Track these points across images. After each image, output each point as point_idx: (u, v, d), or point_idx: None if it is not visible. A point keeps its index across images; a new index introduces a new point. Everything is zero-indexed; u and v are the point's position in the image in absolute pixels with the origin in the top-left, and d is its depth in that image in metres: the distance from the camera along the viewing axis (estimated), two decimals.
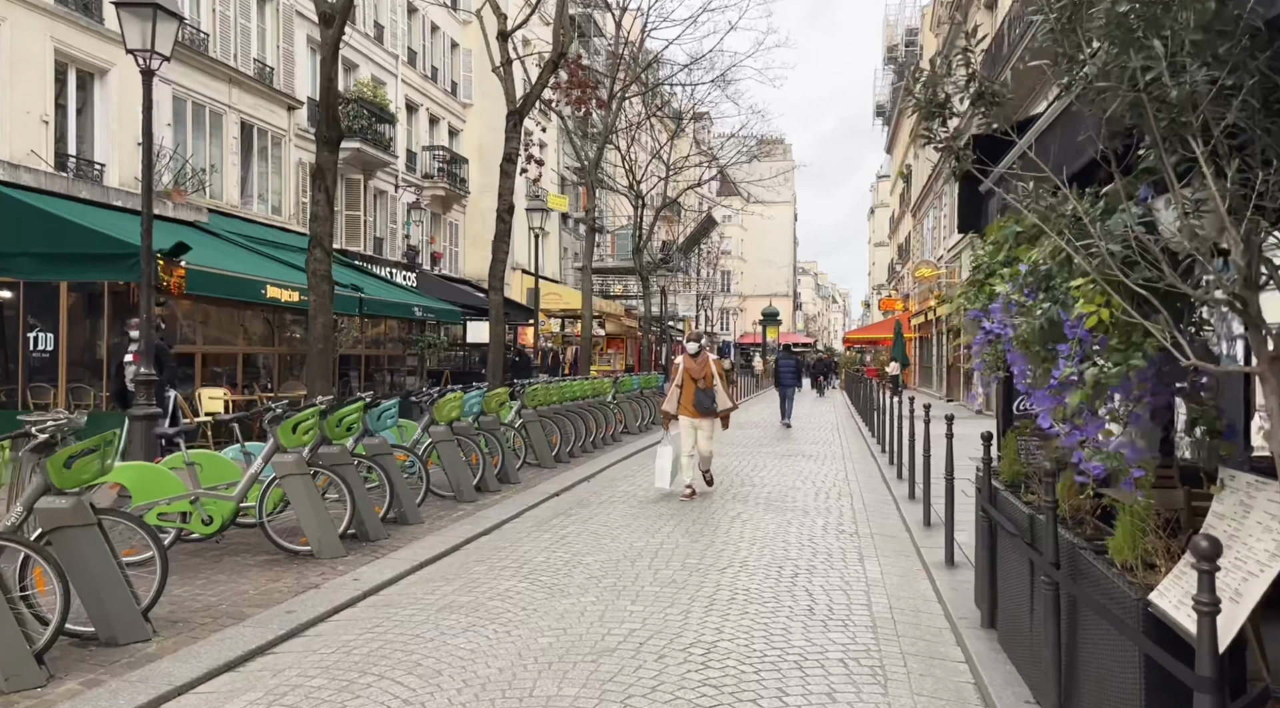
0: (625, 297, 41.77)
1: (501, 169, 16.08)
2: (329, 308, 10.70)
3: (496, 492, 9.78)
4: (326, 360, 10.64)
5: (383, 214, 26.80)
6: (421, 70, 29.09)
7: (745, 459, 13.50)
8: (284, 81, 21.43)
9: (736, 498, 9.78)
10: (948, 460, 6.96)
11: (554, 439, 12.35)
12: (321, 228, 10.65)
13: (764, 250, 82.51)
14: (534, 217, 19.40)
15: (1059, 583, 3.61)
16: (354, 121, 23.61)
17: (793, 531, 7.99)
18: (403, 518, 7.90)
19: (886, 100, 58.91)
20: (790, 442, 16.61)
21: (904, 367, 42.00)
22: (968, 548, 6.96)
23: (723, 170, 37.28)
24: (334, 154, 10.73)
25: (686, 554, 7.03)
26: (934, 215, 37.46)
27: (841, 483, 11.08)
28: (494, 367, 15.75)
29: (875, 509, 9.29)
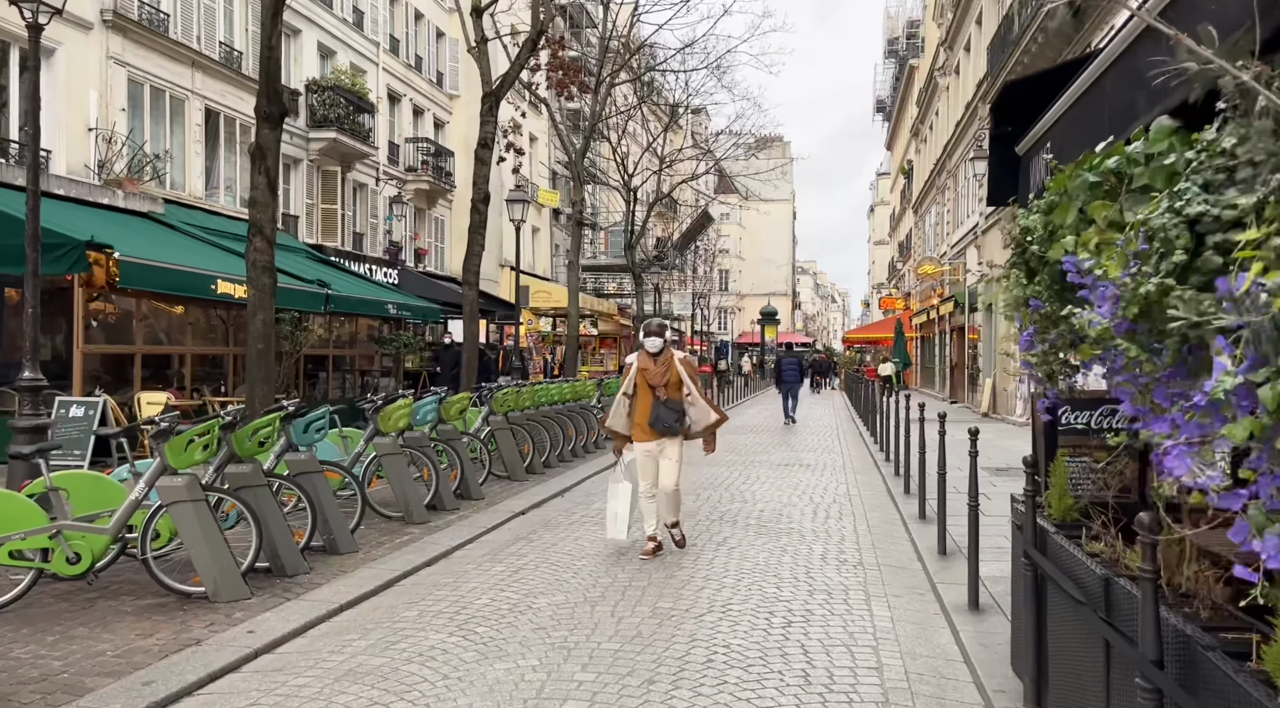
0: (619, 295, 40.62)
1: (476, 156, 14.96)
2: (271, 303, 9.59)
3: (454, 510, 8.67)
4: (268, 362, 9.52)
5: (363, 208, 25.69)
6: (405, 59, 27.97)
7: (738, 470, 12.38)
8: (253, 67, 20.26)
9: (725, 519, 8.66)
10: (971, 480, 5.84)
11: (525, 448, 11.23)
12: (262, 214, 9.52)
13: (762, 249, 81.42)
14: (515, 208, 18.27)
15: (1163, 690, 2.49)
16: (330, 110, 22.52)
17: (786, 561, 6.87)
18: (333, 546, 6.78)
19: (887, 95, 57.80)
20: (788, 449, 15.50)
21: (905, 366, 40.95)
22: (993, 585, 5.85)
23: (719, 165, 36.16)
24: (275, 131, 9.61)
25: (659, 594, 5.91)
26: (937, 210, 36.35)
27: (843, 499, 9.96)
28: (467, 368, 14.64)
29: (881, 532, 8.17)
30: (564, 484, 10.72)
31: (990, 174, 4.83)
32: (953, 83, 31.46)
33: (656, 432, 6.91)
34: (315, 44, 22.94)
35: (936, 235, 36.36)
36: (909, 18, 45.62)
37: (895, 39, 48.74)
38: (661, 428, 6.90)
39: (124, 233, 13.30)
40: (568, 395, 13.50)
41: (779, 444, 16.30)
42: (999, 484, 10.58)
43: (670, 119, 30.66)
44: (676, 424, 6.96)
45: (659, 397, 6.92)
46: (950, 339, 32.21)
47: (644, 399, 6.97)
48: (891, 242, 62.81)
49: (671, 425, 6.93)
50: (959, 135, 29.26)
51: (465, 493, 9.34)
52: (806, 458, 13.99)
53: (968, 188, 28.39)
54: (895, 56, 50.28)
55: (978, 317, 26.43)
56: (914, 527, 8.15)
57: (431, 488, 8.44)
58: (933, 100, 37.18)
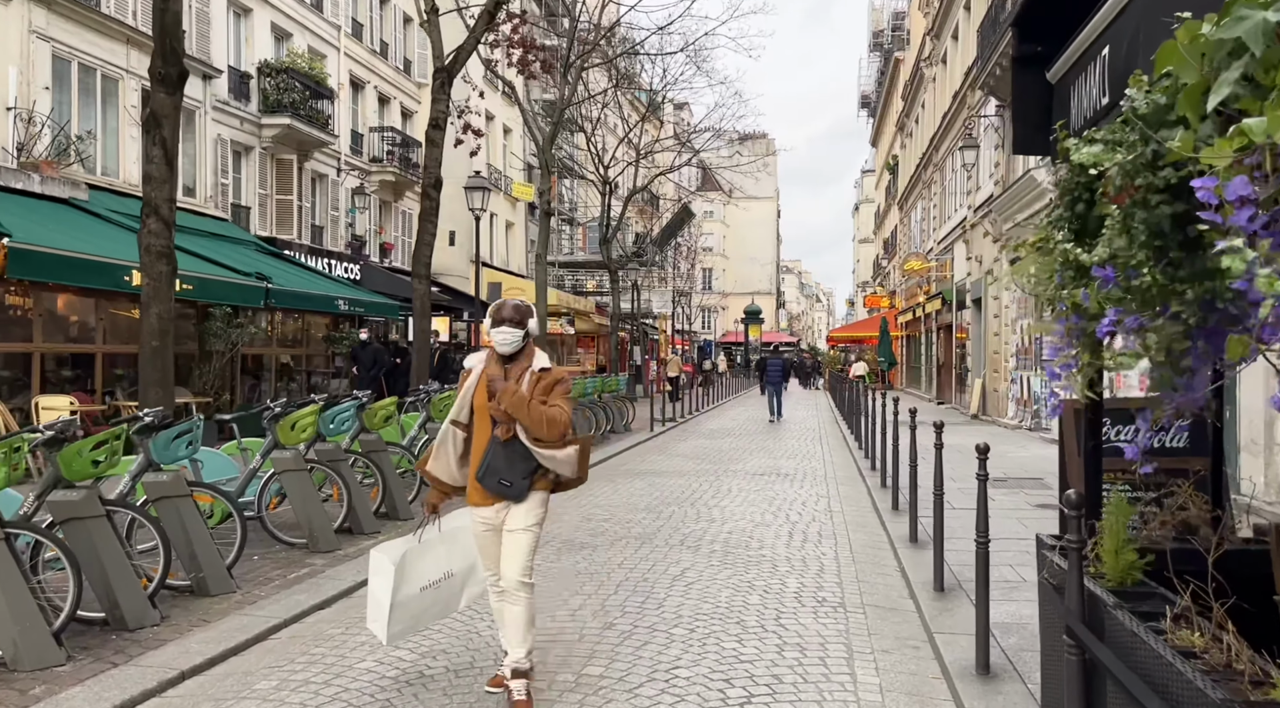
0: (599, 293, 39.44)
1: (427, 137, 13.77)
2: (168, 294, 8.37)
3: (373, 534, 7.47)
4: (165, 361, 8.30)
5: (322, 200, 24.39)
6: (369, 45, 26.68)
7: (708, 481, 11.23)
8: (197, 45, 18.97)
9: (686, 542, 7.49)
10: (980, 514, 4.69)
11: None
12: (157, 191, 8.29)
13: (747, 247, 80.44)
14: (475, 196, 17.06)
15: None
16: (284, 95, 21.22)
17: (754, 601, 5.71)
18: (201, 587, 5.57)
19: (872, 90, 56.85)
20: (766, 456, 14.36)
21: (890, 366, 39.94)
22: (1005, 636, 4.72)
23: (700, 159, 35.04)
24: (173, 96, 8.37)
25: (591, 651, 4.75)
26: (923, 206, 35.36)
27: (823, 516, 8.82)
28: (419, 369, 13.44)
29: (867, 560, 7.03)
30: None
31: (1015, 111, 3.71)
32: (939, 73, 30.45)
33: (494, 494, 4.07)
34: (269, 24, 21.64)
35: (922, 231, 35.36)
36: (894, 9, 44.63)
37: (880, 32, 47.74)
38: (500, 488, 4.04)
39: (32, 219, 12.03)
40: None
41: (757, 450, 15.16)
42: (998, 498, 9.45)
43: (647, 109, 29.50)
44: (522, 483, 4.03)
45: (499, 433, 4.02)
46: (937, 338, 31.20)
47: (480, 434, 4.10)
48: (876, 239, 61.89)
49: (511, 486, 4.03)
50: (946, 127, 28.25)
51: (391, 512, 8.15)
52: (785, 466, 12.85)
53: (955, 181, 27.37)
54: (880, 50, 49.29)
55: (966, 314, 25.40)
56: (905, 553, 7.02)
57: (344, 509, 7.23)
58: (918, 93, 36.19)
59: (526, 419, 3.92)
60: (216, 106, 19.59)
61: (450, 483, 4.23)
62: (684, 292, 48.34)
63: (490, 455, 4.04)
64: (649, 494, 10.08)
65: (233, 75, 20.34)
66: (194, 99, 18.91)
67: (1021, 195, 17.87)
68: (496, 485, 4.04)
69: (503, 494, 4.05)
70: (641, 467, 12.70)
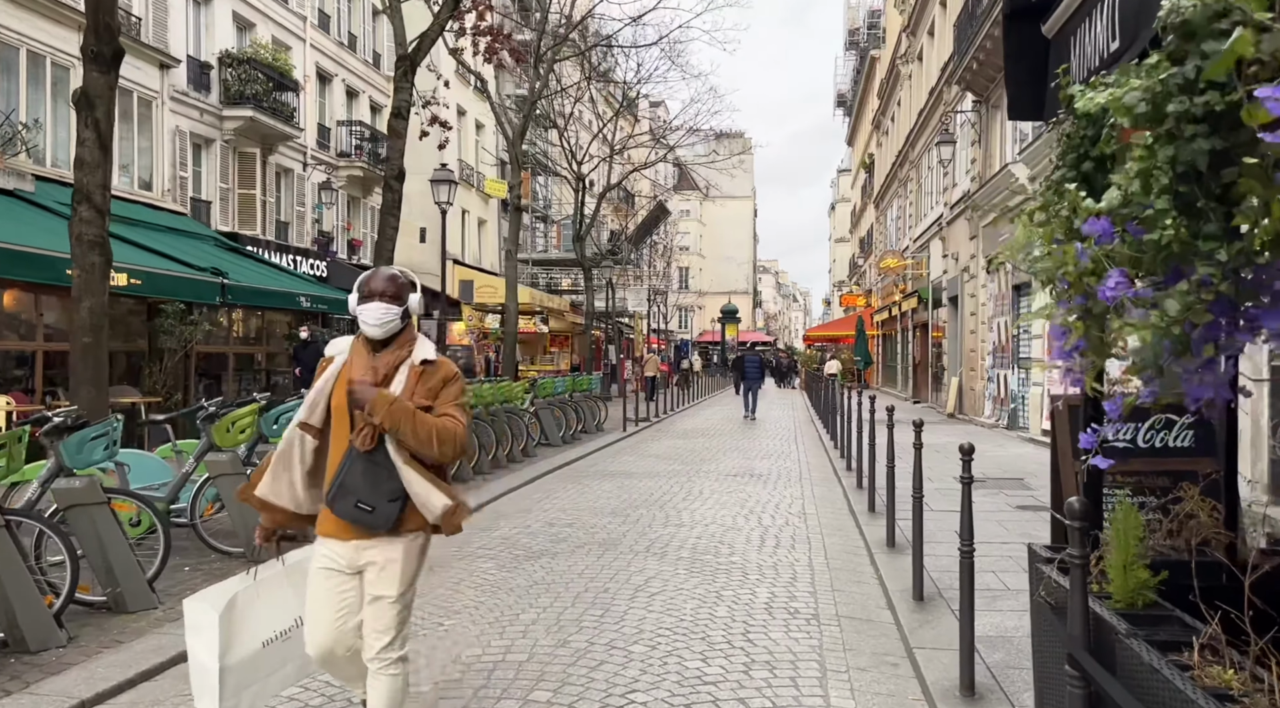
0: (574, 291, 38.98)
1: (390, 127, 13.28)
2: (101, 287, 7.84)
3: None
4: (98, 359, 7.78)
5: (288, 195, 23.79)
6: (336, 37, 26.09)
7: (679, 482, 10.83)
8: (154, 34, 18.37)
9: (653, 548, 7.09)
10: (964, 519, 4.31)
11: None
12: (90, 177, 7.77)
13: (723, 246, 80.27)
14: (440, 189, 16.59)
15: None
16: (246, 86, 20.62)
17: (721, 613, 5.32)
18: (118, 602, 5.10)
19: (848, 89, 56.76)
20: (740, 456, 13.99)
21: (866, 365, 39.77)
22: (989, 652, 4.36)
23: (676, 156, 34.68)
24: (107, 75, 7.85)
25: (540, 673, 4.33)
26: (899, 204, 35.20)
27: (797, 519, 8.45)
28: None
29: (842, 566, 6.66)
30: (474, 502, 9.05)
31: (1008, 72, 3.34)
32: (915, 70, 30.28)
33: (356, 528, 3.03)
34: (230, 13, 21.02)
35: (899, 229, 35.21)
36: (870, 7, 44.49)
37: (856, 30, 47.60)
38: (351, 514, 3.00)
39: None
40: (487, 398, 11.86)
41: (730, 450, 14.79)
42: (978, 499, 9.09)
43: (621, 104, 29.09)
44: (388, 508, 3.01)
45: (358, 444, 3.00)
46: (913, 336, 31.03)
47: (337, 443, 3.09)
48: (853, 238, 61.83)
49: (373, 511, 3.00)
50: (922, 124, 28.06)
51: None
52: (759, 466, 12.49)
53: (931, 178, 27.18)
54: (856, 48, 49.17)
55: (942, 313, 25.21)
56: (882, 558, 6.65)
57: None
58: (894, 90, 36.03)
59: (411, 437, 2.91)
60: (175, 97, 18.97)
61: (293, 509, 3.07)
62: (660, 290, 47.98)
63: (346, 469, 2.96)
64: (617, 497, 9.68)
65: (192, 65, 19.72)
66: (151, 89, 18.31)
67: (999, 190, 17.63)
68: (353, 510, 2.94)
69: (361, 522, 2.96)
70: (612, 468, 12.29)
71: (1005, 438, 16.01)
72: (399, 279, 3.14)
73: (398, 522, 3.01)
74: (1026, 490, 9.71)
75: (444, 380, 3.08)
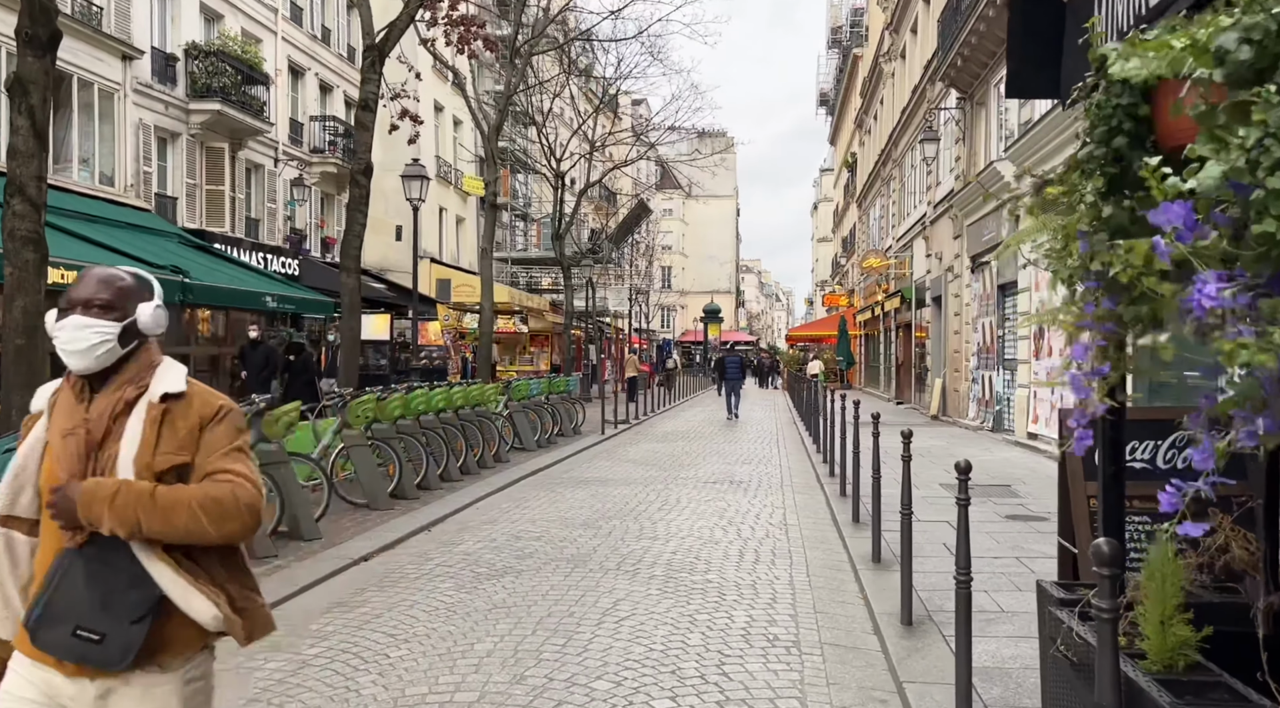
0: (554, 290, 38.49)
1: (356, 120, 12.80)
2: (36, 285, 7.33)
3: (268, 558, 6.54)
4: (32, 363, 7.28)
5: (259, 192, 23.20)
6: (309, 30, 25.51)
7: (656, 490, 10.41)
8: (117, 24, 17.77)
9: (624, 566, 6.66)
10: (960, 545, 3.90)
11: (391, 469, 9.12)
12: (23, 168, 7.25)
13: (706, 246, 79.99)
14: (412, 185, 16.10)
15: None
16: (214, 78, 20.02)
17: (694, 641, 4.90)
18: None
19: (830, 88, 56.55)
20: (720, 460, 13.60)
21: (849, 365, 39.52)
22: (987, 686, 3.96)
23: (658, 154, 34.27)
24: (42, 59, 7.34)
25: None
26: (881, 203, 34.95)
27: (778, 531, 8.05)
28: (347, 369, 12.46)
29: (825, 584, 6.26)
30: (439, 512, 8.64)
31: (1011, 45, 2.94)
32: (898, 68, 30.01)
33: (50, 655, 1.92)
34: (197, 4, 20.43)
35: (881, 228, 34.96)
36: (853, 5, 44.24)
37: (839, 28, 47.35)
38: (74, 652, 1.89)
39: None
40: (458, 401, 11.40)
41: (711, 454, 14.39)
42: None
43: (601, 101, 28.65)
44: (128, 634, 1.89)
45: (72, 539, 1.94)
46: (896, 337, 30.77)
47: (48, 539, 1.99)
48: (835, 238, 61.65)
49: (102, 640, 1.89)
50: (905, 122, 27.79)
51: (294, 532, 7.22)
52: (740, 472, 12.09)
53: (915, 177, 26.91)
54: (839, 47, 48.93)
55: (926, 313, 24.93)
56: (867, 576, 6.26)
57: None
58: (877, 88, 35.79)
59: (165, 530, 1.89)
60: (138, 89, 18.36)
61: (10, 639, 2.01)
62: (642, 290, 47.54)
63: (56, 580, 1.91)
64: (590, 506, 9.25)
65: (157, 57, 19.12)
66: (112, 81, 17.71)
67: (984, 188, 17.33)
68: (68, 642, 1.88)
69: (87, 659, 1.89)
70: (586, 474, 11.86)
71: (990, 441, 15.69)
72: (118, 282, 2.04)
73: (152, 650, 1.91)
74: (1015, 498, 9.36)
75: (204, 421, 2.02)
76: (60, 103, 16.64)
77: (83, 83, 17.05)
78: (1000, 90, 17.28)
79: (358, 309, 12.68)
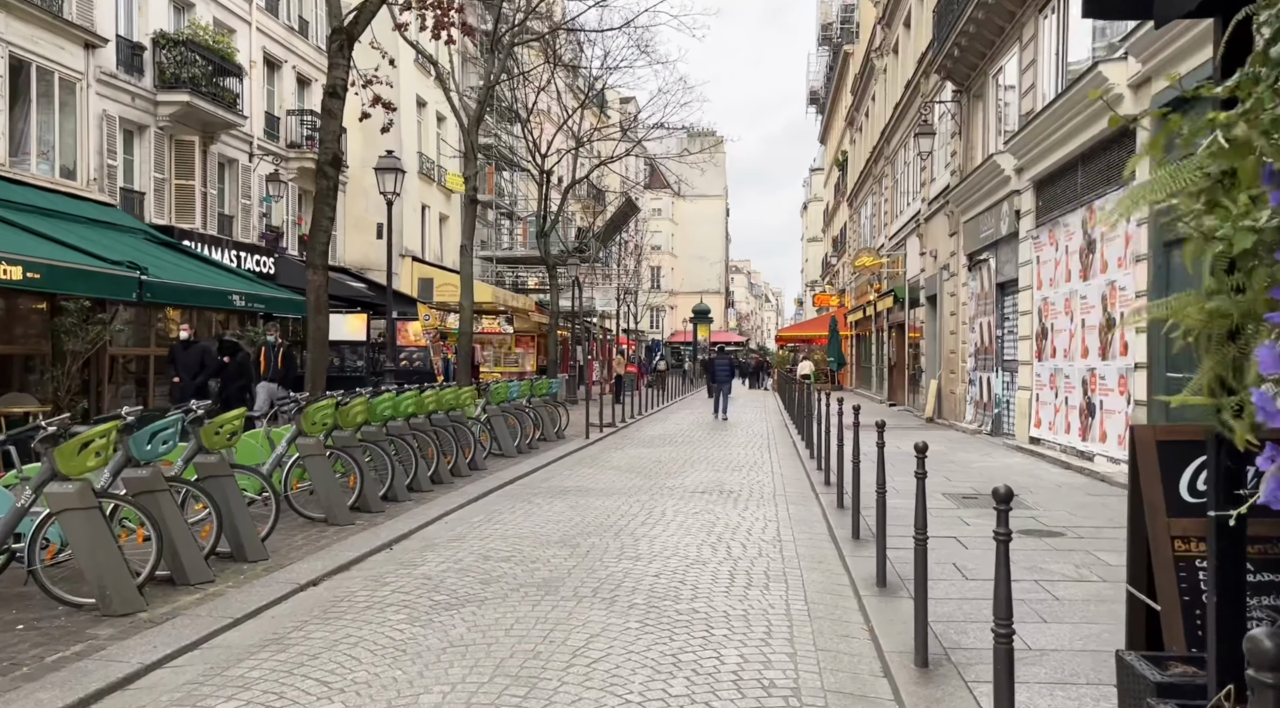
0: (541, 290, 37.75)
1: (323, 107, 12.07)
2: None
3: (204, 584, 5.84)
4: None
5: (232, 187, 22.43)
6: (285, 21, 24.76)
7: (640, 501, 9.73)
8: (79, 11, 16.98)
9: (601, 591, 5.98)
10: (999, 593, 3.22)
11: (352, 481, 8.42)
12: None
13: (695, 246, 79.41)
14: (386, 179, 15.40)
15: None
16: (183, 69, 19.26)
17: (678, 689, 4.23)
18: None
19: (821, 86, 56.00)
20: (709, 468, 12.93)
21: (840, 366, 38.91)
22: None
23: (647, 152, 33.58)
24: None
25: None
26: (873, 201, 34.37)
27: (772, 548, 7.39)
28: (313, 372, 11.72)
29: (826, 614, 5.60)
30: (403, 528, 7.94)
31: None
32: (891, 63, 29.43)
33: None
34: None
35: (873, 227, 34.38)
36: (843, 1, 43.68)
37: (829, 25, 46.76)
38: None
39: None
40: (430, 406, 10.69)
41: (699, 461, 13.72)
42: (973, 522, 8.16)
43: (586, 95, 27.96)
44: None
45: None
46: (889, 337, 30.18)
47: None
48: (825, 238, 61.11)
49: None
50: (898, 118, 27.20)
51: (237, 554, 6.51)
52: (730, 481, 11.42)
53: (908, 174, 26.32)
54: (830, 44, 48.35)
55: (920, 312, 24.34)
56: (872, 603, 5.60)
57: (150, 560, 5.58)
58: (869, 85, 35.21)
59: None
60: (102, 79, 17.58)
61: None
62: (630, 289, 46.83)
63: None
64: (568, 520, 8.56)
65: (122, 46, 18.34)
66: (74, 70, 16.94)
67: (982, 183, 16.73)
68: None
69: None
70: (566, 483, 11.18)
71: (990, 445, 15.08)
72: None
73: None
74: (1025, 510, 8.72)
75: None
76: (18, 92, 15.87)
77: (42, 71, 16.27)
78: (999, 81, 16.67)
79: (324, 308, 11.93)
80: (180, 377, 12.05)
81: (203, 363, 12.23)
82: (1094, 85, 10.65)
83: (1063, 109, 11.84)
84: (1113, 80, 10.31)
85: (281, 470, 8.02)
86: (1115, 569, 6.25)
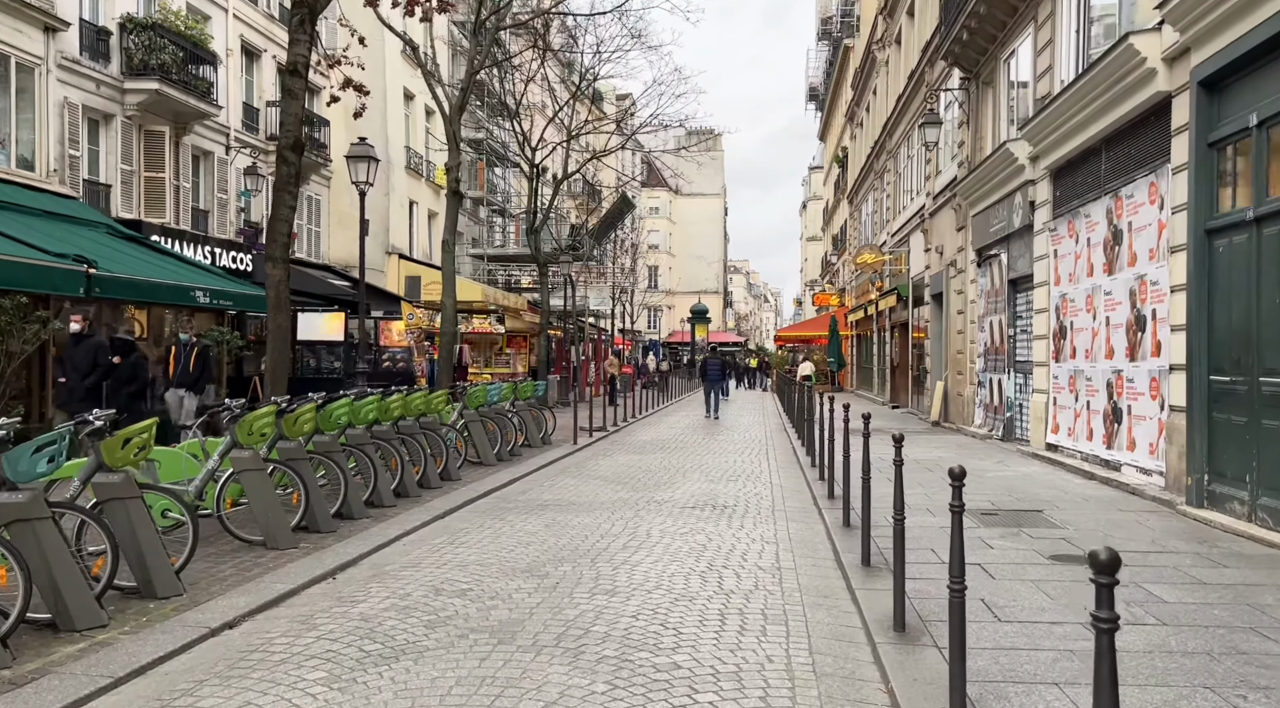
0: (534, 289, 36.80)
1: (283, 86, 11.13)
2: None
3: (93, 631, 4.89)
4: None
5: (208, 181, 21.51)
6: (265, 9, 23.84)
7: (623, 517, 8.78)
8: None
9: (566, 639, 5.03)
10: (1103, 696, 2.28)
11: (295, 497, 7.47)
12: None
13: (693, 245, 78.48)
14: (359, 168, 14.48)
15: None
16: (152, 56, 18.33)
17: None
18: None
19: (820, 82, 55.08)
20: (702, 477, 11.99)
21: (840, 367, 37.94)
22: None
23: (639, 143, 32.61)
24: None
25: None
26: (875, 198, 33.43)
27: (770, 579, 6.44)
28: (274, 373, 10.78)
29: (835, 668, 4.65)
30: (353, 552, 6.99)
31: None
32: (893, 54, 28.50)
33: None
34: None
35: (874, 224, 33.44)
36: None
37: (829, 19, 45.82)
38: None
39: None
40: (397, 412, 9.74)
41: (691, 469, 12.77)
42: (996, 544, 7.22)
43: (578, 87, 27.03)
44: None
45: None
46: (892, 337, 29.24)
47: None
48: (825, 236, 60.17)
49: None
50: (900, 111, 26.27)
51: (146, 589, 5.56)
52: (724, 493, 10.48)
53: (911, 168, 25.39)
54: (829, 39, 47.42)
55: (924, 311, 23.39)
56: (890, 654, 4.65)
57: (103, 576, 4.62)
58: (870, 78, 34.27)
59: None
60: (64, 65, 16.66)
61: None
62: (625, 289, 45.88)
63: None
64: (540, 542, 7.62)
65: (87, 30, 17.41)
66: (33, 55, 16.00)
67: (993, 174, 15.80)
68: None
69: None
70: (545, 496, 10.23)
71: (1003, 452, 14.13)
72: None
73: None
74: (1054, 529, 7.78)
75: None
76: None
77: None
78: (1012, 65, 15.74)
79: (284, 305, 10.99)
80: (68, 376, 11.01)
81: (95, 361, 11.04)
82: (1123, 60, 9.71)
83: (1085, 89, 10.90)
84: (1144, 53, 9.37)
85: (214, 487, 7.08)
86: (1175, 609, 5.31)
